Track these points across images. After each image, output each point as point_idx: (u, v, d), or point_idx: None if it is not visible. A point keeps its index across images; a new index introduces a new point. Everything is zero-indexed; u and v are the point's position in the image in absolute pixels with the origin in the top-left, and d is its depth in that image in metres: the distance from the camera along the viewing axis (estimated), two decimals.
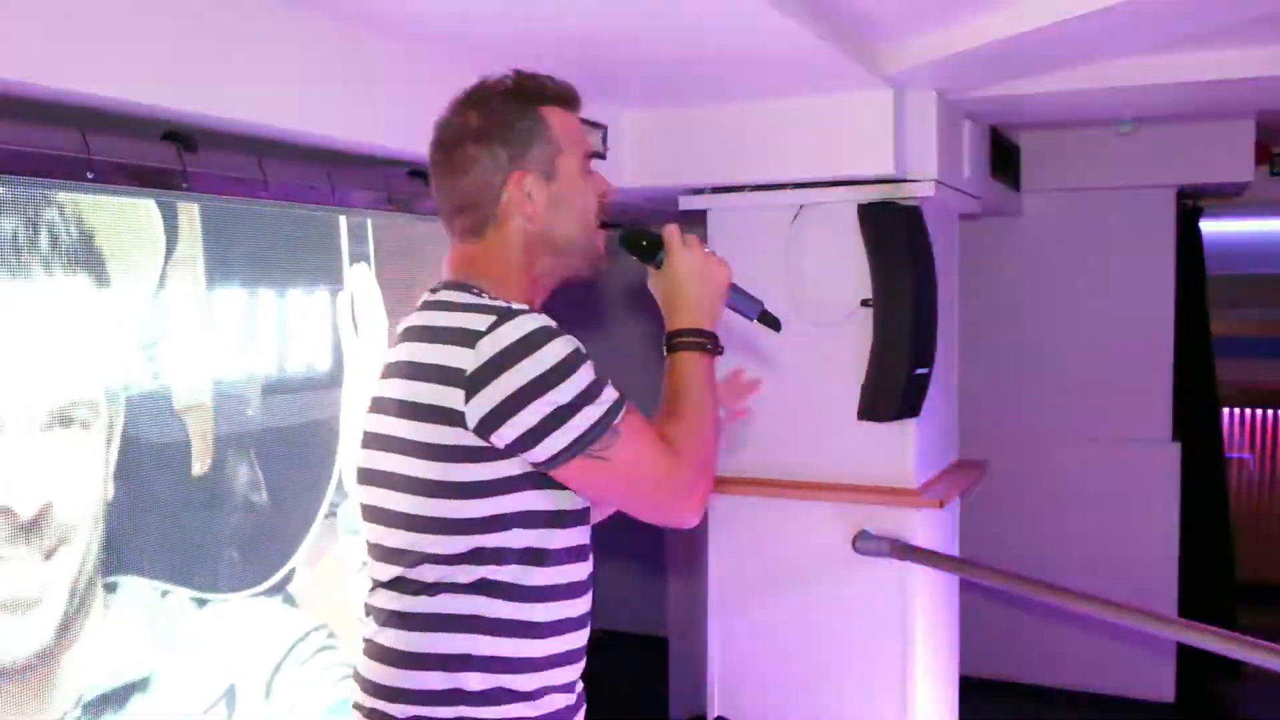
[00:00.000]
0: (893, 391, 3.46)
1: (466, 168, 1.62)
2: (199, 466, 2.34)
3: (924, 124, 3.50)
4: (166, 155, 2.20)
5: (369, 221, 2.80)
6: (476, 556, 1.50)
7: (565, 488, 1.54)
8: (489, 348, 1.45)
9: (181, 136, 2.22)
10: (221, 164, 2.33)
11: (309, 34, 2.44)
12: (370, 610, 1.62)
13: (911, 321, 3.42)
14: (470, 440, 1.46)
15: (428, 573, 1.52)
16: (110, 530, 2.14)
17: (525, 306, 1.52)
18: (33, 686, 2.01)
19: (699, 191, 3.87)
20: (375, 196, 2.80)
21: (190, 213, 2.29)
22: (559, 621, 1.58)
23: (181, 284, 2.28)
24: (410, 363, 1.53)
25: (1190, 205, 5.28)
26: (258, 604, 2.51)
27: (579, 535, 1.61)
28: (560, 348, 1.47)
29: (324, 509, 2.69)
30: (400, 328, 1.64)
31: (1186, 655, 4.91)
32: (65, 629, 2.06)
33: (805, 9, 2.66)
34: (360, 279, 2.78)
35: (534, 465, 1.49)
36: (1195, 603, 5.08)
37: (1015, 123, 4.64)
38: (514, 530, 1.51)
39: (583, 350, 1.50)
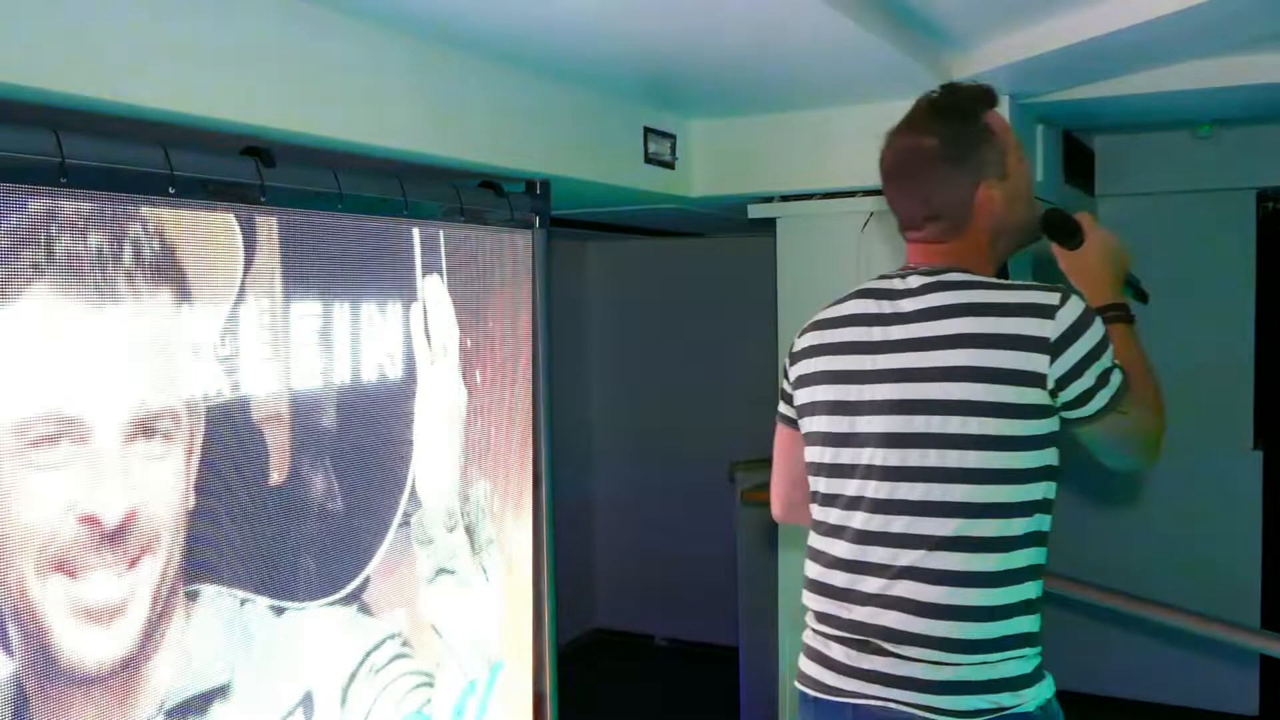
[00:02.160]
0: None
1: (935, 187, 1.87)
2: (276, 476, 2.37)
3: None
4: (246, 170, 2.23)
5: (441, 233, 2.82)
6: (1030, 507, 1.75)
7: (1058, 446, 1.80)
8: (1066, 318, 1.71)
9: (260, 151, 2.26)
10: (298, 178, 2.36)
11: (382, 50, 2.48)
12: (928, 573, 1.75)
13: None
14: (1044, 399, 1.72)
15: (987, 526, 1.74)
16: (191, 539, 2.17)
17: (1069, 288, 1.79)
18: (117, 693, 2.04)
19: (767, 199, 3.85)
20: (448, 208, 2.83)
21: (268, 226, 2.32)
22: (1039, 566, 1.81)
23: (260, 296, 2.31)
24: (979, 334, 1.74)
25: (1271, 208, 5.17)
26: (333, 612, 2.54)
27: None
28: (1101, 322, 1.76)
29: (398, 518, 2.71)
30: (931, 303, 1.80)
31: (1270, 667, 4.79)
32: (149, 636, 2.09)
33: (875, 15, 2.65)
34: (433, 290, 2.80)
35: (1076, 419, 1.77)
36: (1279, 614, 4.96)
37: (1090, 126, 4.57)
38: (1044, 482, 1.77)
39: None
